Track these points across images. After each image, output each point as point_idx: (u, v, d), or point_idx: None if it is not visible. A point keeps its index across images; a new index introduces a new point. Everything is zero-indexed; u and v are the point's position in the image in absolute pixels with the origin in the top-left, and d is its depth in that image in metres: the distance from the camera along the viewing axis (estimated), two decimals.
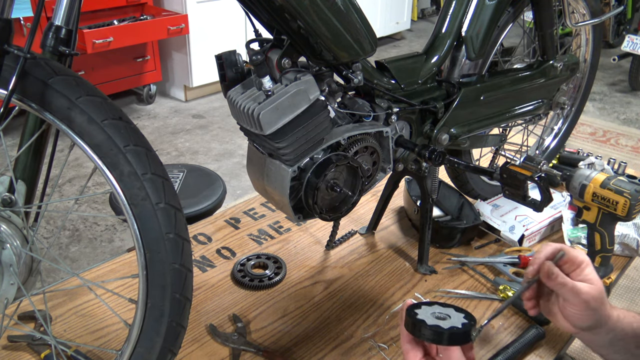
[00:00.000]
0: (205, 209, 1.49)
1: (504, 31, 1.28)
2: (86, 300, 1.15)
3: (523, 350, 1.03)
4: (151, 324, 0.79)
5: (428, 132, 1.13)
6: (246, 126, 0.90)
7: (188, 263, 0.80)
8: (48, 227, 2.49)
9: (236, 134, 3.46)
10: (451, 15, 1.15)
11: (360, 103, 1.02)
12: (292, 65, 0.88)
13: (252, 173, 1.02)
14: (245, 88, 0.90)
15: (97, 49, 3.12)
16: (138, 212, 0.75)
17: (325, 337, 1.08)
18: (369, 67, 1.02)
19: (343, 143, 0.97)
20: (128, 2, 3.44)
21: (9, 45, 0.73)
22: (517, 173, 1.01)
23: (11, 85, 0.71)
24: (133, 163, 0.74)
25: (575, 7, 1.46)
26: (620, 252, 1.33)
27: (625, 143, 3.43)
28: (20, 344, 1.02)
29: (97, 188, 2.82)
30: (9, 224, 0.81)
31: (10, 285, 0.81)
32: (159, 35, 3.46)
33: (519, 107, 1.30)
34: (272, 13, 0.84)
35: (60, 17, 0.78)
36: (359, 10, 0.90)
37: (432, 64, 1.13)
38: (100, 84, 3.48)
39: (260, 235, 1.39)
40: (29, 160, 0.83)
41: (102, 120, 0.73)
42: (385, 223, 1.45)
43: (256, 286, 1.20)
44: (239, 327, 1.08)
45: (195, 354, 1.02)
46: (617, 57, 4.02)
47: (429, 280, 1.24)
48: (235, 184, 2.95)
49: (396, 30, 5.55)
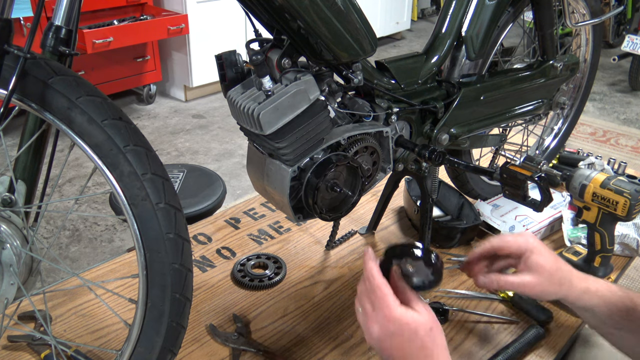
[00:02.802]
0: (205, 209, 1.49)
1: (504, 31, 1.28)
2: (86, 300, 1.15)
3: (523, 350, 1.03)
4: (151, 324, 0.79)
5: (428, 132, 1.13)
6: (246, 126, 0.90)
7: (188, 263, 0.80)
8: (48, 227, 2.49)
9: (236, 134, 3.46)
10: (451, 15, 1.15)
11: (360, 103, 1.02)
12: (292, 65, 0.88)
13: (252, 173, 1.02)
14: (245, 88, 0.90)
15: (97, 49, 3.12)
16: (138, 212, 0.75)
17: (325, 337, 1.08)
18: (369, 67, 1.02)
19: (343, 143, 0.97)
20: (128, 2, 3.44)
21: (9, 45, 0.73)
22: (517, 173, 1.01)
23: (11, 85, 0.71)
24: (133, 163, 0.74)
25: (575, 7, 1.46)
26: (620, 252, 1.33)
27: (625, 143, 3.43)
28: (20, 344, 1.02)
29: (97, 188, 2.82)
30: (9, 224, 0.81)
31: (10, 285, 0.81)
32: (159, 35, 3.46)
33: (519, 107, 1.30)
34: (272, 13, 0.84)
35: (60, 17, 0.78)
36: (359, 10, 0.89)
37: (432, 64, 1.13)
38: (100, 84, 3.48)
39: (260, 235, 1.39)
40: (29, 160, 0.83)
41: (102, 120, 0.73)
42: (385, 223, 1.45)
43: (256, 286, 1.20)
44: (239, 327, 1.08)
45: (195, 354, 1.02)
46: (617, 57, 4.02)
47: None
48: (235, 184, 2.95)
49: (396, 30, 5.55)
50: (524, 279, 0.80)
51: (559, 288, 0.80)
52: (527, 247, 0.82)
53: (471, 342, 1.07)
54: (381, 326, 0.68)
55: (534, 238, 0.83)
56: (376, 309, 0.69)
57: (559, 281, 0.80)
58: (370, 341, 0.71)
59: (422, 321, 0.68)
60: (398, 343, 0.68)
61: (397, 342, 0.68)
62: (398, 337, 0.68)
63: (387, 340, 0.68)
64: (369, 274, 0.71)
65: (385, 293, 0.69)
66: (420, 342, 0.68)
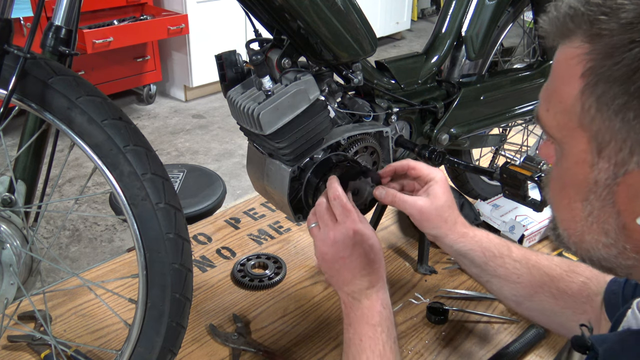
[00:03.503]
0: (205, 209, 1.49)
1: (504, 31, 1.28)
2: (86, 300, 1.15)
3: (523, 350, 1.03)
4: (151, 324, 0.79)
5: (428, 132, 1.13)
6: (246, 126, 0.90)
7: (188, 263, 0.80)
8: (48, 227, 2.49)
9: (236, 134, 3.46)
10: (451, 15, 1.15)
11: (360, 103, 1.02)
12: (292, 65, 0.88)
13: (252, 173, 1.02)
14: (245, 88, 0.90)
15: (97, 49, 3.12)
16: (138, 212, 0.75)
17: (325, 337, 1.08)
18: (369, 67, 1.02)
19: (343, 143, 0.97)
20: (128, 2, 3.44)
21: (9, 45, 0.73)
22: (517, 173, 1.01)
23: (11, 85, 0.71)
24: (133, 163, 0.74)
25: None
26: None
27: None
28: (20, 344, 1.02)
29: (97, 188, 2.82)
30: (9, 224, 0.82)
31: (10, 285, 0.81)
32: (159, 35, 3.46)
33: (519, 107, 1.30)
34: (272, 13, 0.84)
35: (60, 17, 0.78)
36: (359, 10, 0.90)
37: (432, 64, 1.13)
38: (100, 84, 3.47)
39: (260, 235, 1.39)
40: (29, 160, 0.83)
41: (102, 120, 0.73)
42: (385, 223, 1.45)
43: (256, 286, 1.20)
44: (239, 327, 1.08)
45: (195, 354, 1.02)
46: None
47: (429, 280, 1.24)
48: (235, 184, 2.95)
49: (396, 30, 5.55)
50: (416, 201, 0.84)
51: (442, 224, 0.84)
52: (435, 178, 0.85)
53: (471, 342, 1.07)
54: (344, 236, 0.77)
55: (443, 175, 0.86)
56: (340, 222, 0.78)
57: (445, 218, 0.84)
58: (326, 253, 0.78)
59: (376, 238, 0.79)
60: (357, 252, 0.77)
61: (358, 251, 0.77)
62: (358, 247, 0.77)
63: (348, 249, 0.77)
64: (335, 194, 0.80)
65: (350, 209, 0.78)
66: (373, 255, 0.78)
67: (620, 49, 0.41)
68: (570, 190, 0.49)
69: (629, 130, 0.42)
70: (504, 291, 0.86)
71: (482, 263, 0.85)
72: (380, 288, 0.79)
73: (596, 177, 0.45)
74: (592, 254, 0.50)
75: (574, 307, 0.80)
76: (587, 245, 0.50)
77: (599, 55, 0.42)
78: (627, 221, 0.45)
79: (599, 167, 0.45)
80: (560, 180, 0.50)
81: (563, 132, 0.47)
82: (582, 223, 0.49)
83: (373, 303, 0.77)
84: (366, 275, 0.78)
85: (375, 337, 0.75)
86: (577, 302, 0.80)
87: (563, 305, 0.81)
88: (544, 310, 0.83)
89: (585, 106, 0.44)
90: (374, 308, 0.77)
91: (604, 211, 0.46)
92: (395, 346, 0.76)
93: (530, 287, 0.83)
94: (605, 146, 0.44)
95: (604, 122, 0.43)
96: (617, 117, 0.42)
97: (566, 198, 0.49)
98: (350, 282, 0.78)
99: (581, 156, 0.46)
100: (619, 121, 0.42)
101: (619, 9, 0.41)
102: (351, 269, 0.77)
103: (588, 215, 0.48)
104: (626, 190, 0.44)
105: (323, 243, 0.79)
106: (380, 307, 0.77)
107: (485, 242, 0.85)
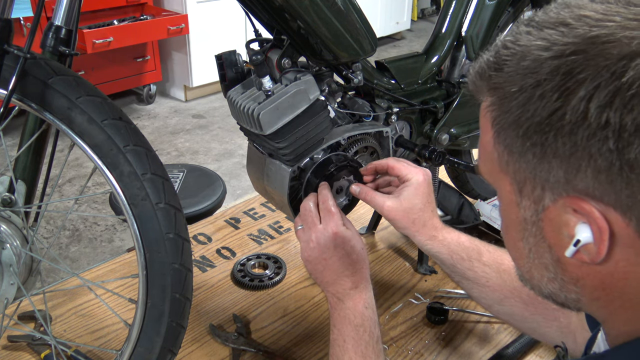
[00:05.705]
0: (205, 209, 1.49)
1: (504, 31, 1.28)
2: (86, 300, 1.15)
3: (523, 350, 1.03)
4: (151, 324, 0.79)
5: (428, 132, 1.13)
6: (246, 126, 0.90)
7: (188, 263, 0.80)
8: (48, 227, 2.49)
9: (236, 134, 3.46)
10: (451, 15, 1.15)
11: (360, 103, 1.02)
12: (292, 65, 0.88)
13: (252, 173, 1.02)
14: (245, 88, 0.90)
15: (97, 49, 3.12)
16: (138, 212, 0.75)
17: (325, 337, 1.08)
18: (369, 67, 1.02)
19: (343, 143, 0.97)
20: (128, 2, 3.44)
21: (9, 45, 0.73)
22: None
23: (11, 85, 0.71)
24: (133, 163, 0.74)
25: None
26: None
27: None
28: (20, 344, 1.03)
29: (97, 188, 2.82)
30: (9, 224, 0.82)
31: (10, 285, 0.81)
32: (159, 35, 3.46)
33: None
34: (272, 13, 0.84)
35: (60, 17, 0.78)
36: (359, 10, 0.90)
37: (432, 64, 1.13)
38: (100, 84, 3.47)
39: (260, 235, 1.39)
40: (29, 160, 0.83)
41: (102, 120, 0.73)
42: (385, 223, 1.45)
43: (256, 286, 1.20)
44: (239, 327, 1.08)
45: (195, 354, 1.02)
46: None
47: (429, 280, 1.24)
48: (235, 184, 2.95)
49: (396, 30, 5.55)
50: (385, 200, 0.85)
51: (409, 224, 0.85)
52: (411, 179, 0.85)
53: (471, 342, 1.07)
54: (326, 238, 0.80)
55: (426, 177, 0.86)
56: (325, 225, 0.81)
57: (412, 220, 0.84)
58: (309, 254, 0.81)
59: (358, 240, 0.82)
60: (339, 253, 0.80)
61: (339, 253, 0.80)
62: (340, 249, 0.80)
63: (329, 250, 0.80)
64: (324, 198, 0.84)
65: (333, 212, 0.82)
66: (355, 257, 0.81)
67: (508, 98, 0.45)
68: (511, 230, 0.51)
69: (533, 170, 0.45)
70: (474, 293, 0.87)
71: (450, 265, 0.86)
72: (364, 289, 0.81)
73: (524, 216, 0.48)
74: (543, 290, 0.52)
75: (545, 313, 0.80)
76: (536, 282, 0.51)
77: (496, 106, 0.46)
78: (559, 255, 0.47)
79: (523, 206, 0.48)
80: (504, 222, 0.53)
81: (493, 177, 0.51)
82: (526, 260, 0.51)
83: (356, 304, 0.80)
84: (349, 276, 0.80)
85: (357, 337, 0.77)
86: (548, 308, 0.80)
87: (533, 311, 0.81)
88: (513, 315, 0.84)
89: (499, 152, 0.47)
90: (357, 309, 0.79)
91: (539, 247, 0.49)
92: (377, 346, 0.78)
93: (500, 292, 0.84)
94: (523, 186, 0.47)
95: (515, 164, 0.46)
96: (521, 160, 0.45)
97: (511, 238, 0.52)
98: (334, 283, 0.80)
99: (509, 197, 0.49)
100: (524, 162, 0.45)
101: (505, 63, 0.45)
102: (334, 270, 0.80)
103: (529, 252, 0.50)
104: (550, 225, 0.46)
105: (307, 245, 0.82)
106: (363, 308, 0.79)
107: (454, 246, 0.86)
